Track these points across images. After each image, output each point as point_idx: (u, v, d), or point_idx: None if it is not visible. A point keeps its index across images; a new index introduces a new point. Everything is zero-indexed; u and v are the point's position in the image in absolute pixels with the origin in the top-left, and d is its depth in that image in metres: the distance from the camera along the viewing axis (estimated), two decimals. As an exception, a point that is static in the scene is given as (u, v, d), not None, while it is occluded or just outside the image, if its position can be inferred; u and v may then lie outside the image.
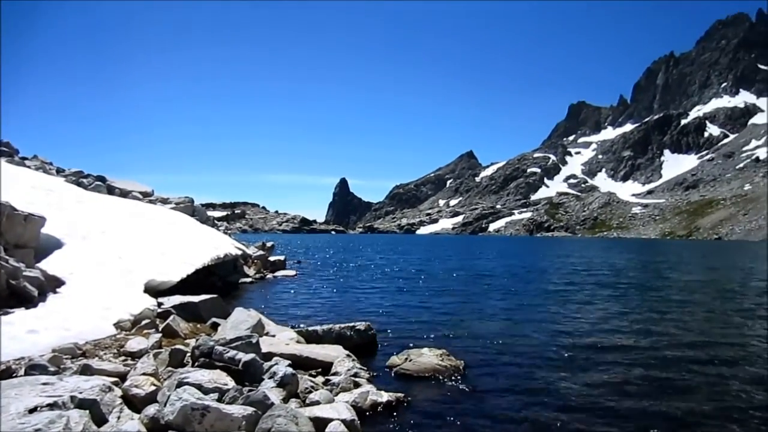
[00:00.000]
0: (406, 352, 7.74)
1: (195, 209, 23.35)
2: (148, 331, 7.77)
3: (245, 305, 10.41)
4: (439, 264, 31.01)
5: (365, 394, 5.89)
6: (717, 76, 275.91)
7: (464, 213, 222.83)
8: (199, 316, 9.42)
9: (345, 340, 8.38)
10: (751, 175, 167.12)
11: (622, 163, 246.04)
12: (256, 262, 21.40)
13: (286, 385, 5.71)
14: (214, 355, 6.06)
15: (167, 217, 18.60)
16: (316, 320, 11.18)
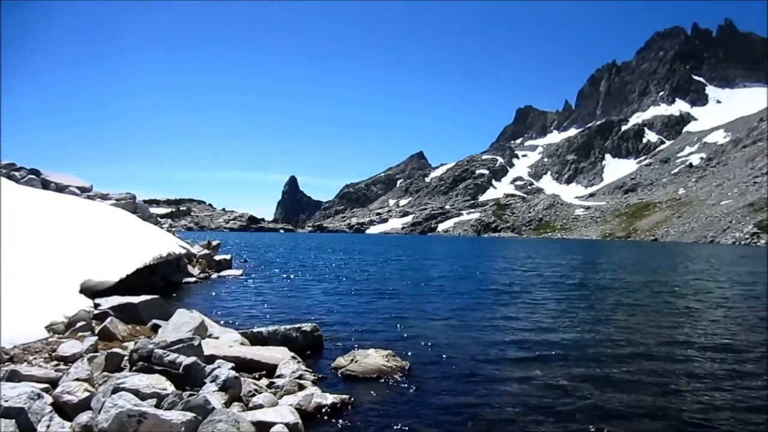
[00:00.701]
0: (352, 353, 7.71)
1: (137, 206, 22.57)
2: (83, 334, 7.42)
3: (188, 306, 10.13)
4: (387, 264, 31.10)
5: (310, 397, 5.83)
6: (655, 85, 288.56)
7: (414, 213, 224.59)
8: (139, 318, 9.07)
9: (291, 342, 8.28)
10: (685, 180, 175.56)
11: (566, 166, 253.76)
12: (200, 261, 20.88)
13: (229, 389, 5.58)
14: (154, 359, 5.85)
15: (106, 214, 17.89)
16: (261, 321, 11.00)
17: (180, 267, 18.17)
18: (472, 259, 38.71)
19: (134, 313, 9.13)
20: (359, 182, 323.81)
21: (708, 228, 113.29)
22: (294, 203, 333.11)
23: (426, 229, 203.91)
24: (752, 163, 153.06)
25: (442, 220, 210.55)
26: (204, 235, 69.96)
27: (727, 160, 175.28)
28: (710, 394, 6.77)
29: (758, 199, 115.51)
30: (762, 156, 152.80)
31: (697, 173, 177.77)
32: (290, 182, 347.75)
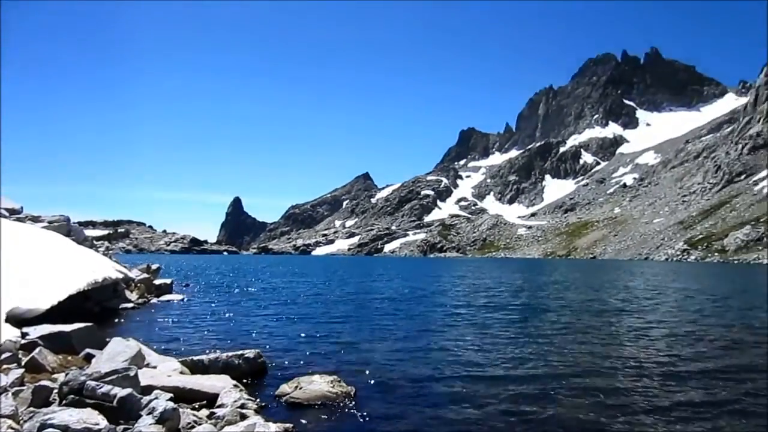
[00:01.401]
0: (297, 380, 7.55)
1: (71, 228, 21.58)
2: (8, 366, 6.96)
3: (125, 334, 9.71)
4: (334, 286, 30.86)
5: (252, 427, 5.66)
6: (590, 109, 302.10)
7: (360, 234, 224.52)
8: (71, 348, 8.61)
9: (233, 370, 8.03)
10: (620, 200, 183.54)
11: (508, 187, 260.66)
12: (139, 285, 20.10)
13: (166, 421, 5.34)
14: (86, 391, 5.55)
15: (37, 238, 17.02)
16: (203, 348, 10.63)
17: (117, 292, 17.43)
18: (419, 280, 38.96)
19: (66, 343, 8.66)
20: (305, 203, 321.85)
21: (642, 245, 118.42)
22: (238, 225, 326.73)
23: (372, 249, 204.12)
24: (681, 183, 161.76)
25: (388, 240, 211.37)
26: (144, 258, 67.49)
27: (658, 180, 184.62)
28: (650, 411, 7.00)
29: (687, 217, 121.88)
30: (689, 176, 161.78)
31: (630, 193, 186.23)
32: (234, 203, 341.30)
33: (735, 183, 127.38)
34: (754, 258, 72.24)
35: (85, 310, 13.91)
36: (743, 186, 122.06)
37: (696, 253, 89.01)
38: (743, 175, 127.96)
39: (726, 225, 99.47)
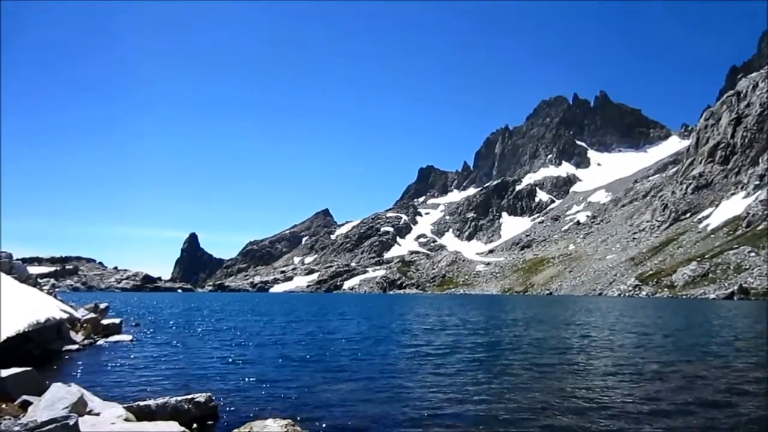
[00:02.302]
0: (249, 425, 7.23)
1: (12, 266, 20.59)
2: (-67, 417, 6.46)
3: (67, 378, 9.19)
4: (291, 325, 30.26)
5: (201, 477, 5.36)
6: (544, 149, 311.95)
7: (319, 271, 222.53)
8: (7, 394, 8.06)
9: (182, 415, 7.65)
10: (574, 237, 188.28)
11: (466, 223, 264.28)
12: (85, 325, 19.21)
13: (107, 474, 5.01)
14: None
15: (-24, 277, 16.14)
16: (151, 393, 10.15)
17: (60, 333, 16.60)
18: (380, 318, 38.64)
19: (1, 389, 8.12)
20: (263, 239, 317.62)
21: (596, 281, 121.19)
22: (194, 261, 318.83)
23: (332, 286, 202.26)
24: (631, 221, 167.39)
25: (348, 277, 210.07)
26: (92, 296, 64.92)
27: (610, 218, 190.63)
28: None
29: (638, 253, 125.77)
30: (639, 214, 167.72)
31: (584, 230, 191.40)
32: (190, 239, 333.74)
33: (681, 221, 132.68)
34: (700, 293, 74.76)
35: (25, 352, 13.18)
36: (689, 224, 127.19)
37: (647, 289, 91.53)
38: (688, 214, 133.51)
39: (674, 261, 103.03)
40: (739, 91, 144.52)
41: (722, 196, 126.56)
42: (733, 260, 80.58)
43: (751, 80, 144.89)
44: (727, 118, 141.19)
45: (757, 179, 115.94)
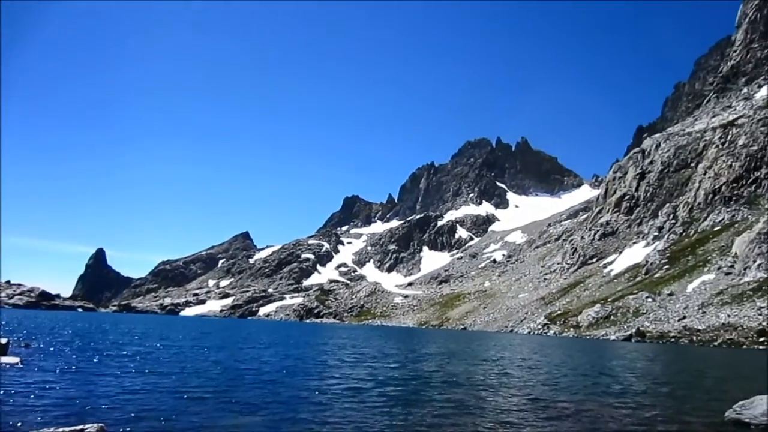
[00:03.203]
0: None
1: None
2: None
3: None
4: (200, 352, 29.16)
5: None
6: (466, 187, 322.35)
7: (235, 295, 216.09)
8: None
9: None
10: (490, 274, 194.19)
11: (388, 255, 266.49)
12: (-29, 342, 17.66)
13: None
14: None
15: None
16: (37, 423, 9.45)
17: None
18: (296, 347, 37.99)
19: None
20: (177, 259, 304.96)
21: (508, 318, 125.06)
22: (99, 279, 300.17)
23: (246, 312, 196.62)
24: (543, 262, 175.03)
25: (264, 303, 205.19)
26: (-20, 310, 59.54)
27: (524, 258, 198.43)
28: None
29: (548, 293, 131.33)
30: (550, 256, 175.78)
31: (499, 268, 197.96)
32: (96, 255, 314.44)
33: (588, 265, 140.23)
34: (603, 334, 78.84)
35: None
36: (595, 268, 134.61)
37: (555, 328, 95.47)
38: (595, 258, 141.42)
39: (580, 303, 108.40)
40: (644, 149, 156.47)
41: (625, 244, 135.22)
42: (632, 304, 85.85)
43: (654, 140, 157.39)
44: (633, 172, 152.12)
45: (656, 231, 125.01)
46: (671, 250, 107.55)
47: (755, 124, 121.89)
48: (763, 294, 67.17)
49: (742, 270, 77.65)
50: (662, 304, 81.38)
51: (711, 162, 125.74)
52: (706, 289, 79.40)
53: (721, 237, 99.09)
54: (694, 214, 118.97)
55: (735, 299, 69.88)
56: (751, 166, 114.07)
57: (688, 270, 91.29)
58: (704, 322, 66.91)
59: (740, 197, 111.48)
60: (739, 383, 22.60)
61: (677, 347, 58.25)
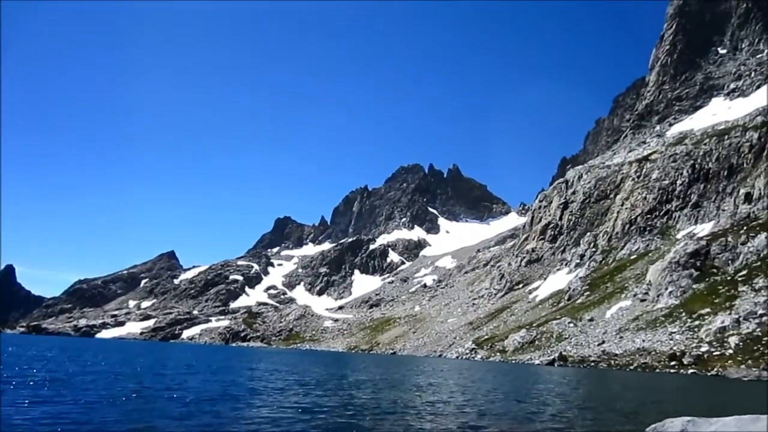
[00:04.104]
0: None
1: None
2: None
3: None
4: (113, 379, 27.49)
5: None
6: (399, 212, 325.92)
7: (157, 317, 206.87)
8: None
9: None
10: (420, 299, 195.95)
11: (319, 278, 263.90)
12: None
13: None
14: None
15: None
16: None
17: None
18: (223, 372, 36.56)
19: None
20: (96, 278, 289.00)
21: (437, 343, 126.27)
22: (6, 297, 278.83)
23: (169, 335, 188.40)
24: (472, 287, 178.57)
25: (188, 326, 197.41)
26: None
27: (453, 283, 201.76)
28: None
29: (476, 318, 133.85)
30: (479, 281, 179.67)
31: (430, 293, 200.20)
32: (5, 271, 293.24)
33: (515, 290, 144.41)
34: (528, 358, 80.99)
35: None
36: (521, 294, 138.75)
37: (482, 352, 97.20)
38: (521, 284, 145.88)
39: (507, 327, 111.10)
40: (568, 179, 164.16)
41: (550, 271, 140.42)
42: (556, 329, 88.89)
43: (577, 171, 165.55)
44: (557, 202, 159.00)
45: (578, 258, 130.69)
46: (592, 277, 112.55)
47: (667, 159, 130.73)
48: (674, 320, 71.31)
49: (655, 297, 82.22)
50: (583, 330, 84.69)
51: (628, 194, 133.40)
52: (623, 315, 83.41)
53: (636, 265, 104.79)
54: (612, 243, 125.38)
55: (649, 325, 73.77)
56: (663, 199, 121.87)
57: (607, 296, 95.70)
58: (621, 346, 70.12)
59: (654, 228, 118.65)
60: (653, 406, 23.69)
61: (597, 371, 60.62)
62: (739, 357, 53.23)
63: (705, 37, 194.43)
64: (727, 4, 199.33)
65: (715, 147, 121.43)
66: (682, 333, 66.31)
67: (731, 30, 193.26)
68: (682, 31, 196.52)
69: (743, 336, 57.01)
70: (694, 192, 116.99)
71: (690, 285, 79.28)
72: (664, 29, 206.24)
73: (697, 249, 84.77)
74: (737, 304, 66.03)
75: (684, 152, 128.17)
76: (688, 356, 57.19)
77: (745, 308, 63.13)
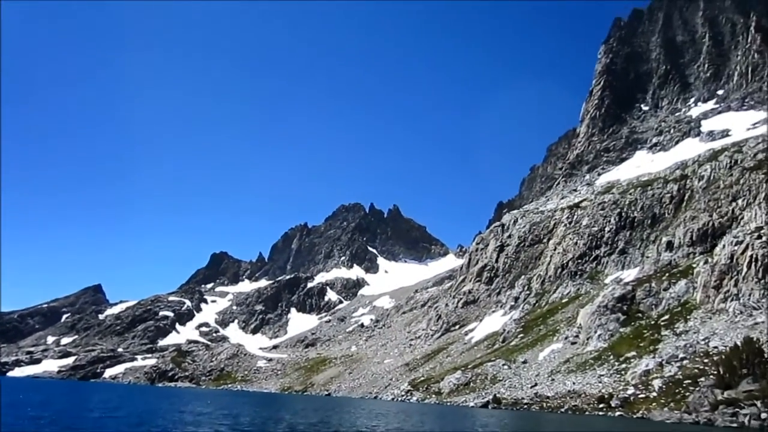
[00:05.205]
0: None
1: None
2: None
3: None
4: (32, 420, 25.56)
5: None
6: (338, 250, 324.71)
7: (77, 354, 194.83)
8: None
9: None
10: (357, 339, 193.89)
11: (254, 316, 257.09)
12: None
13: None
14: None
15: None
16: None
17: None
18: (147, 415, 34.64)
19: None
20: (12, 312, 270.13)
21: (373, 384, 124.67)
22: None
23: (90, 374, 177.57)
24: (409, 328, 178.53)
25: (111, 364, 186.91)
26: None
27: (391, 323, 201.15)
28: None
29: (413, 359, 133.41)
30: (416, 322, 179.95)
31: (367, 333, 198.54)
32: None
33: (451, 332, 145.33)
34: (462, 400, 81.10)
35: None
36: (457, 335, 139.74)
37: (417, 394, 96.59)
38: (457, 326, 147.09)
39: (443, 369, 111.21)
40: (504, 223, 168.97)
41: (485, 313, 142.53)
42: (490, 371, 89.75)
43: (512, 216, 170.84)
44: (493, 245, 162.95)
45: (513, 300, 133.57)
46: (525, 320, 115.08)
47: (596, 207, 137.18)
48: (602, 362, 73.58)
49: (585, 340, 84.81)
50: (517, 372, 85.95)
51: (560, 239, 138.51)
52: (555, 357, 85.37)
53: (568, 308, 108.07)
54: (545, 286, 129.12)
55: (579, 367, 75.74)
56: (592, 245, 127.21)
57: (539, 339, 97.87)
58: (553, 389, 71.48)
59: (584, 272, 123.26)
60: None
61: (529, 413, 61.41)
62: (662, 399, 55.30)
63: (630, 94, 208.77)
64: (649, 65, 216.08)
65: (639, 197, 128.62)
66: (610, 376, 68.41)
67: (653, 89, 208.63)
68: (609, 88, 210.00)
69: (666, 379, 59.38)
70: (621, 239, 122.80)
71: (617, 328, 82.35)
72: (593, 85, 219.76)
73: (623, 294, 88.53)
74: (660, 348, 69.03)
75: (611, 201, 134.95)
76: (616, 399, 58.90)
77: (667, 352, 66.04)
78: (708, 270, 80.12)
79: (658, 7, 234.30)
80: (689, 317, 75.41)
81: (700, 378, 55.04)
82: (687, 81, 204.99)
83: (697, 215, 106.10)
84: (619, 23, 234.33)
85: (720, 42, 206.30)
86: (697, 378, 55.52)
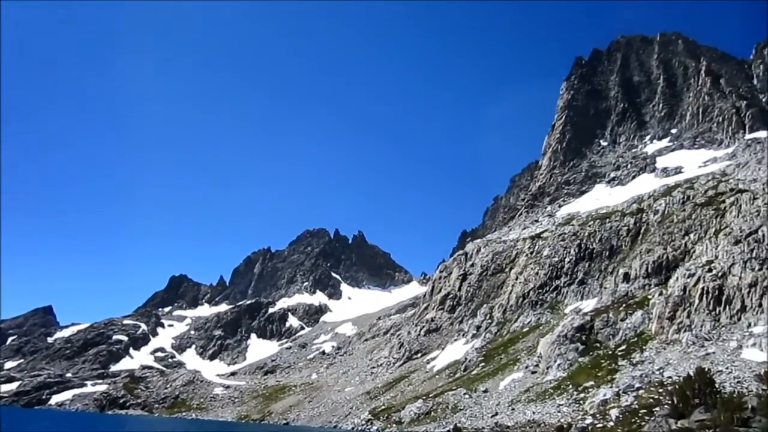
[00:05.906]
0: None
1: None
2: None
3: None
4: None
5: None
6: (301, 276, 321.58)
7: (22, 379, 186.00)
8: None
9: None
10: (318, 366, 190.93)
11: (212, 341, 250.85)
12: None
13: None
14: None
15: None
16: None
17: None
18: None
19: None
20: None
21: (333, 413, 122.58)
22: None
23: (35, 400, 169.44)
24: (371, 355, 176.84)
25: (59, 390, 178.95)
26: None
27: (353, 351, 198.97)
28: None
29: (374, 387, 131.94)
30: (378, 350, 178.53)
31: (328, 360, 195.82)
32: None
33: (413, 360, 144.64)
34: (423, 430, 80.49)
35: None
36: (419, 363, 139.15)
37: (378, 423, 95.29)
38: (420, 354, 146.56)
39: (404, 398, 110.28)
40: (467, 252, 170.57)
41: (448, 341, 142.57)
42: (452, 400, 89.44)
43: (476, 245, 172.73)
44: (457, 273, 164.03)
45: (475, 329, 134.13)
46: (487, 348, 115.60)
47: (556, 238, 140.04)
48: (561, 392, 74.30)
49: (545, 369, 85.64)
50: (478, 401, 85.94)
51: (522, 269, 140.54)
52: (516, 386, 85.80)
53: (528, 337, 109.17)
54: (507, 315, 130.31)
55: (539, 397, 76.28)
56: (553, 275, 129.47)
57: (501, 368, 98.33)
58: (513, 418, 71.68)
59: (544, 302, 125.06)
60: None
61: (489, 443, 61.31)
62: (620, 429, 56.02)
63: (589, 129, 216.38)
64: (608, 103, 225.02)
65: (598, 229, 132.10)
66: (569, 405, 69.09)
67: (611, 125, 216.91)
68: (570, 123, 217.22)
69: (623, 408, 60.31)
70: (580, 270, 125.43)
71: (576, 358, 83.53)
72: (555, 119, 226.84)
73: (582, 324, 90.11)
74: (617, 378, 70.24)
75: (571, 232, 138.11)
76: (574, 428, 59.36)
77: (624, 381, 67.20)
78: (662, 301, 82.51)
79: (617, 48, 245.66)
80: (645, 347, 77.21)
81: (656, 408, 56.07)
82: (643, 119, 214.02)
83: (653, 248, 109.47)
84: (581, 62, 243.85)
85: (673, 83, 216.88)
86: (653, 407, 56.56)
